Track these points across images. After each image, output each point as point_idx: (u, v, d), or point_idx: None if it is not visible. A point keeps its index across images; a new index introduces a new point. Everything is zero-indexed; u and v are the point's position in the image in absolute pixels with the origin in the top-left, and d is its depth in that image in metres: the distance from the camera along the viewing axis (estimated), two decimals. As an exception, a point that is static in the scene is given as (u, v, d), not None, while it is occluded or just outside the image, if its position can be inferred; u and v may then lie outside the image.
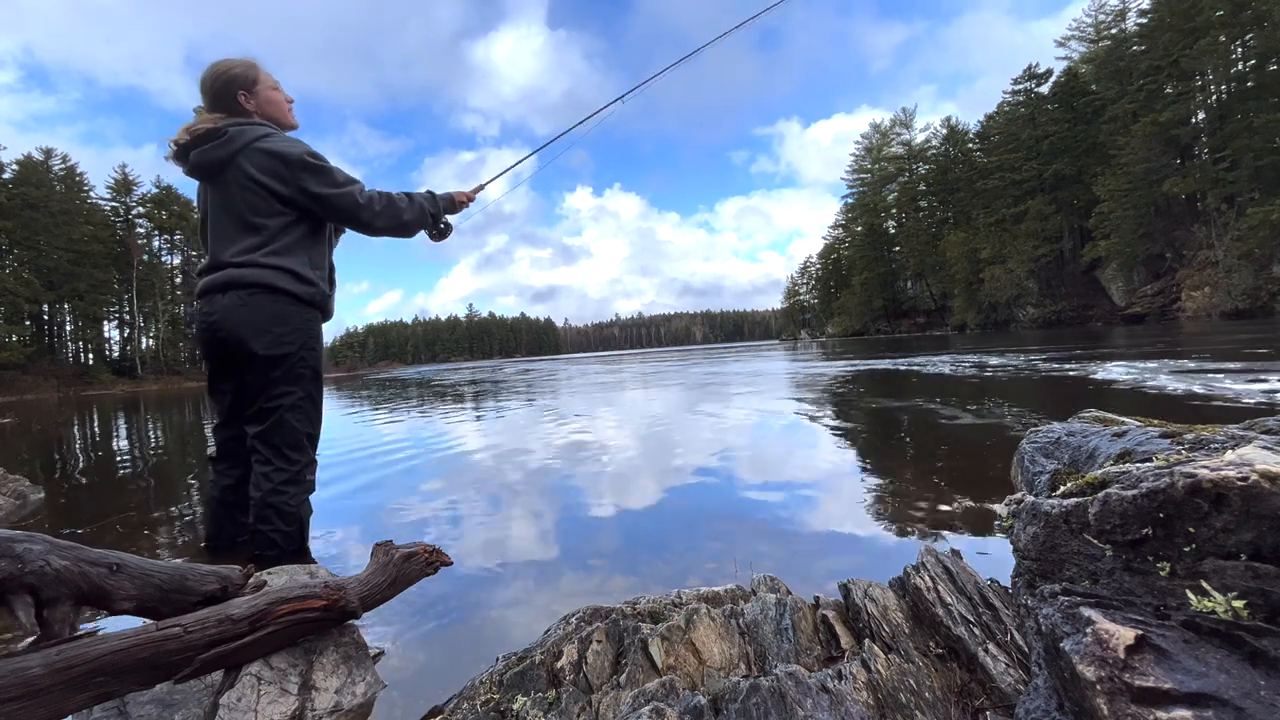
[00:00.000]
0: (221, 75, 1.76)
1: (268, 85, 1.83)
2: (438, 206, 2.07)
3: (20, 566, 0.80)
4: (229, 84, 1.76)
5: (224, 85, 1.76)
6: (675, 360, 21.25)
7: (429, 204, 2.02)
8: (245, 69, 1.80)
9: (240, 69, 1.79)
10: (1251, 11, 29.15)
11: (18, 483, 3.02)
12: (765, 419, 4.49)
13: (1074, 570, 0.68)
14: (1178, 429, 0.81)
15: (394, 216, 1.89)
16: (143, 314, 52.82)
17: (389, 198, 1.88)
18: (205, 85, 1.76)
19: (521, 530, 2.10)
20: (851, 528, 1.90)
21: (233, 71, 1.77)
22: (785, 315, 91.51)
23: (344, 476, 3.19)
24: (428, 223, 2.05)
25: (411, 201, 1.95)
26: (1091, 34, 44.96)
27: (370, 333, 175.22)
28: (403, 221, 1.92)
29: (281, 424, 1.71)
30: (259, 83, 1.81)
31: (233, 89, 1.76)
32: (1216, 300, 30.05)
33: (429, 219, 2.04)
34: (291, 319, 1.72)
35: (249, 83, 1.79)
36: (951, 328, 50.00)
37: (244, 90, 1.78)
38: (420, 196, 2.00)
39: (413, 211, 1.95)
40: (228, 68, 1.77)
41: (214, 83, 1.76)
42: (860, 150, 66.06)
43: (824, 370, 9.69)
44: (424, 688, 1.12)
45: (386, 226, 1.89)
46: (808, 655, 1.02)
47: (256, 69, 1.82)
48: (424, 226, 2.05)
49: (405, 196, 1.94)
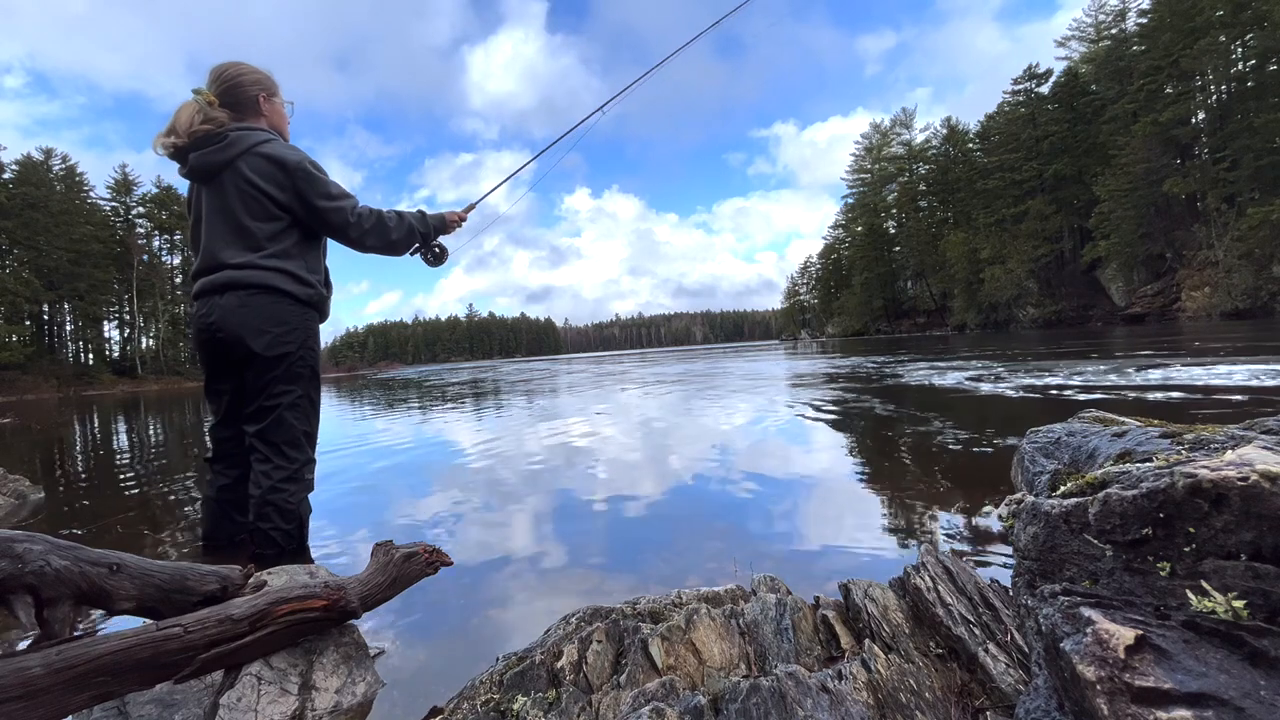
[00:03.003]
0: (249, 74, 1.78)
1: (281, 100, 1.89)
2: (428, 227, 2.07)
3: (20, 566, 0.80)
4: (256, 83, 1.79)
5: (253, 82, 1.78)
6: (675, 360, 21.26)
7: (419, 224, 2.03)
8: (268, 77, 1.84)
9: (263, 75, 1.83)
10: (1251, 11, 29.15)
11: (17, 483, 3.02)
12: (765, 419, 4.49)
13: (1074, 570, 0.68)
14: (1178, 429, 0.81)
15: (382, 235, 1.90)
16: (143, 314, 52.84)
17: (379, 216, 1.88)
18: (225, 77, 1.76)
19: (522, 530, 2.11)
20: (851, 528, 1.90)
21: (259, 74, 1.81)
22: (785, 315, 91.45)
23: (344, 476, 3.19)
24: (417, 242, 2.05)
25: (401, 221, 1.96)
26: (1091, 34, 44.94)
27: (370, 333, 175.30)
28: (390, 241, 1.93)
29: (281, 422, 1.71)
30: (277, 95, 1.86)
31: (256, 91, 1.79)
32: (1216, 300, 30.05)
33: (419, 239, 2.04)
34: (291, 319, 1.72)
35: (272, 89, 1.84)
36: (951, 328, 49.99)
37: (265, 93, 1.81)
38: (411, 216, 2.01)
39: (401, 231, 1.95)
40: (251, 69, 1.80)
41: (238, 77, 1.76)
42: (860, 150, 66.03)
43: (823, 370, 9.69)
44: (424, 687, 1.12)
45: (375, 245, 1.90)
46: (808, 655, 1.02)
47: (275, 83, 1.87)
48: (413, 246, 2.06)
49: (395, 215, 1.95)
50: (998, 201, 46.48)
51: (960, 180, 52.44)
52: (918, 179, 59.50)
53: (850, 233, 68.76)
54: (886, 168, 62.84)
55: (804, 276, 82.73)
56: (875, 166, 64.23)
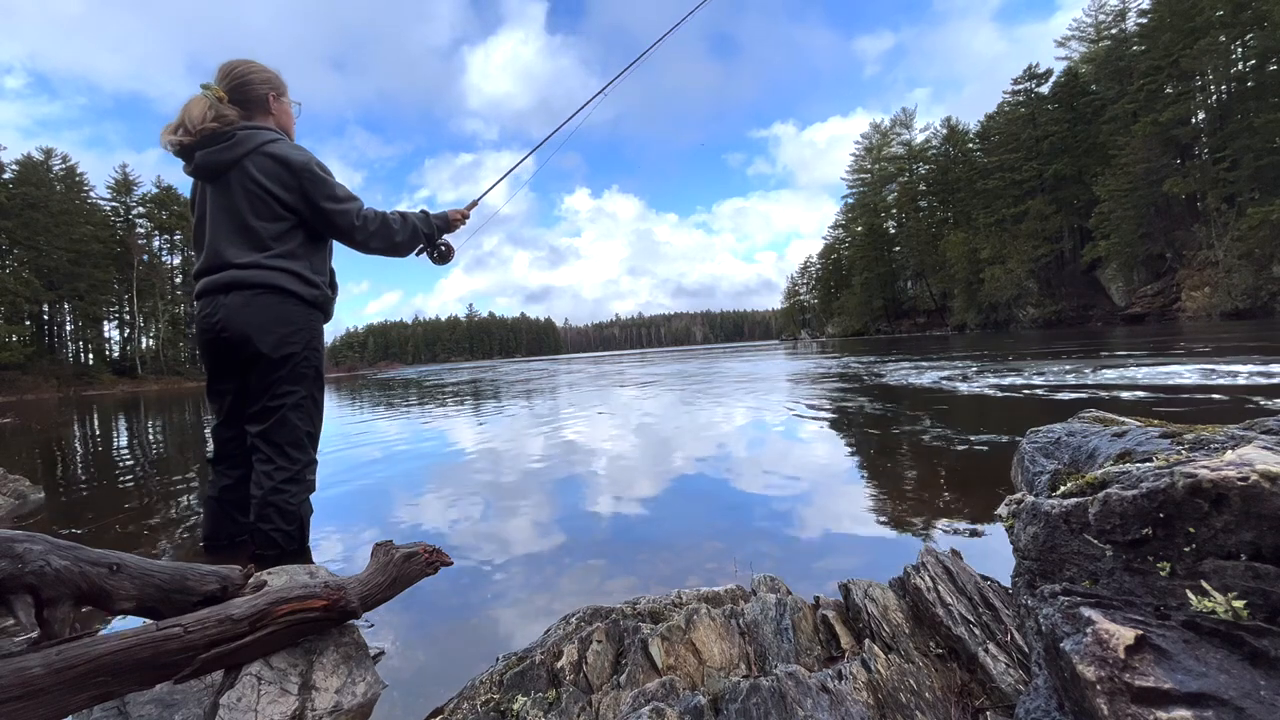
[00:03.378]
0: (259, 72, 1.79)
1: (289, 100, 1.89)
2: (432, 227, 2.08)
3: (20, 566, 0.80)
4: (266, 82, 1.79)
5: (262, 81, 1.79)
6: (675, 360, 21.25)
7: (423, 224, 2.04)
8: (277, 75, 1.84)
9: (274, 74, 1.83)
10: (1251, 11, 29.16)
11: (17, 483, 3.02)
12: (765, 419, 4.49)
13: (1074, 570, 0.68)
14: (1178, 429, 0.81)
15: (387, 238, 1.91)
16: (143, 314, 52.84)
17: (383, 218, 1.89)
18: (235, 75, 1.75)
19: (522, 530, 2.10)
20: (851, 528, 1.90)
21: (268, 73, 1.81)
22: (785, 315, 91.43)
23: (344, 476, 3.19)
24: (421, 243, 2.06)
25: (405, 222, 1.96)
26: (1091, 34, 44.95)
27: (371, 333, 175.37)
28: (395, 243, 1.94)
29: (284, 423, 1.71)
30: (285, 95, 1.87)
31: (265, 90, 1.79)
32: (1216, 300, 30.05)
33: (423, 239, 2.06)
34: (296, 319, 1.72)
35: (281, 89, 1.84)
36: (951, 328, 49.98)
37: (275, 92, 1.82)
38: (414, 217, 2.01)
39: (405, 233, 1.96)
40: (262, 67, 1.81)
41: (248, 75, 1.76)
42: (860, 150, 66.02)
43: (823, 369, 9.69)
44: (424, 688, 1.12)
45: (379, 247, 1.91)
46: (808, 655, 1.02)
47: (284, 83, 1.87)
48: (417, 246, 2.06)
49: (400, 217, 1.96)
50: (998, 201, 46.48)
51: (960, 180, 52.44)
52: (918, 179, 59.49)
53: (850, 233, 68.76)
54: (886, 168, 62.84)
55: (804, 276, 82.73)
56: (875, 166, 64.22)
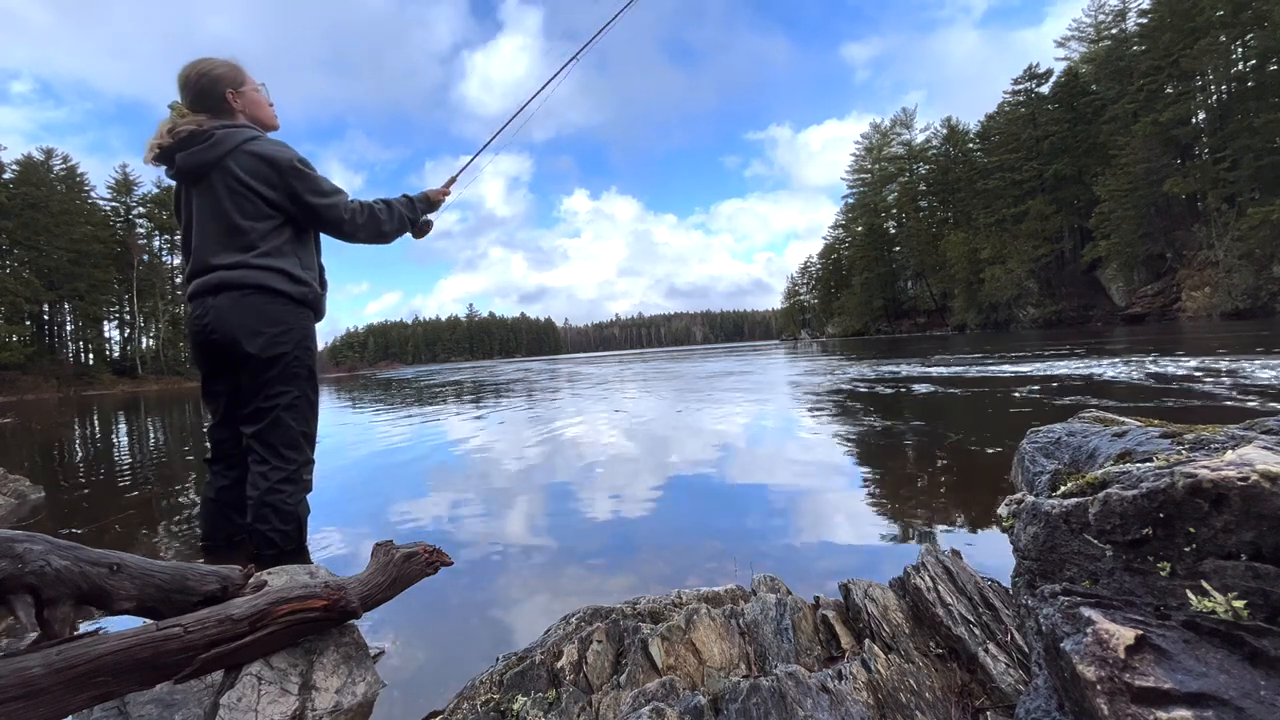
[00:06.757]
0: (207, 73, 1.73)
1: (252, 86, 1.82)
2: (416, 211, 2.09)
3: (20, 566, 0.80)
4: (216, 82, 1.73)
5: (211, 83, 1.73)
6: (675, 360, 21.24)
7: (408, 210, 2.04)
8: (230, 69, 1.77)
9: (225, 68, 1.76)
10: (1251, 11, 29.14)
11: (17, 483, 3.02)
12: (764, 419, 4.49)
13: (1074, 570, 0.68)
14: (1178, 429, 0.81)
15: (374, 228, 1.91)
16: (143, 314, 52.84)
17: (370, 209, 1.90)
18: (188, 82, 1.72)
19: (522, 530, 2.10)
20: (851, 528, 1.90)
21: (218, 70, 1.74)
22: (785, 315, 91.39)
23: (344, 476, 3.19)
24: (407, 229, 2.07)
25: (391, 211, 1.97)
26: (1091, 34, 44.93)
27: (370, 333, 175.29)
28: (382, 232, 1.95)
29: (278, 423, 1.71)
30: (245, 83, 1.79)
31: (220, 88, 1.74)
32: (1217, 300, 30.04)
33: (409, 225, 2.07)
34: (285, 319, 1.71)
35: (237, 82, 1.77)
36: (952, 328, 49.96)
37: (232, 89, 1.76)
38: (399, 204, 2.02)
39: (392, 222, 1.97)
40: (211, 66, 1.74)
41: (199, 80, 1.72)
42: (860, 150, 65.96)
43: (823, 369, 9.69)
44: (424, 688, 1.12)
45: (368, 237, 1.92)
46: (808, 655, 1.02)
47: (241, 70, 1.80)
48: (404, 233, 2.07)
49: (385, 206, 1.96)
50: (998, 201, 46.47)
51: (960, 180, 52.42)
52: (918, 179, 59.46)
53: (850, 233, 68.69)
54: (887, 168, 62.79)
55: (804, 276, 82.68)
56: (875, 166, 64.18)
